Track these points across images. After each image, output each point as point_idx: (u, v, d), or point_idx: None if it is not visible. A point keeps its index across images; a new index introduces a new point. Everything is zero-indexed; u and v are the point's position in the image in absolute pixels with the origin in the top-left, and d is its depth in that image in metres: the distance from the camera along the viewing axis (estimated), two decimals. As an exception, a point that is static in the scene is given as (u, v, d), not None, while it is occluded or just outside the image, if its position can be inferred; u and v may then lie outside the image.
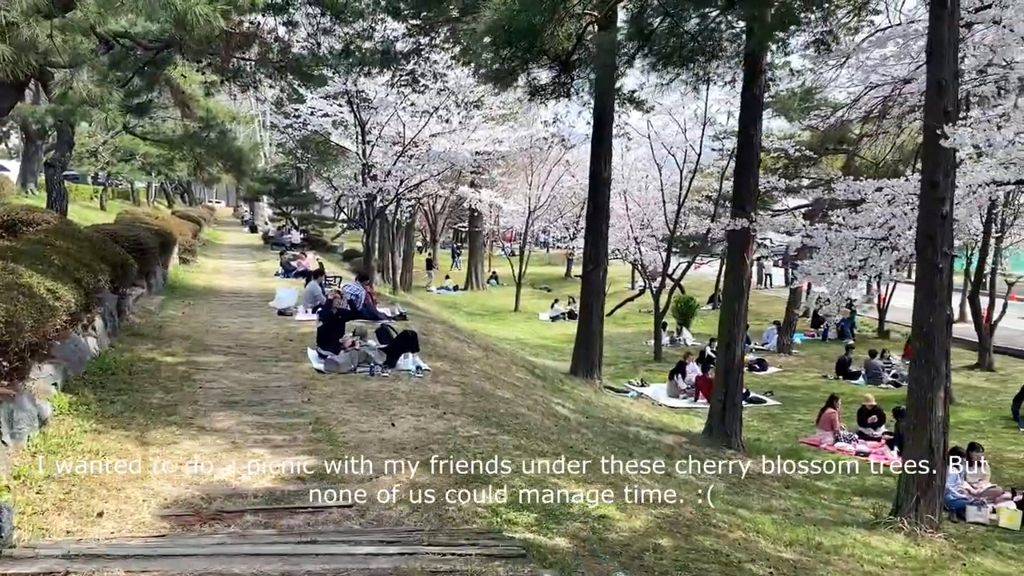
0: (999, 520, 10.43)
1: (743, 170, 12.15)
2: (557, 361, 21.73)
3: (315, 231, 41.91)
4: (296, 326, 14.22)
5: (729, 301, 12.45)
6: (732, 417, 12.41)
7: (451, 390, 10.23)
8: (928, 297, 8.72)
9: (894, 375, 21.58)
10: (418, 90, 16.68)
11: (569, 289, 43.00)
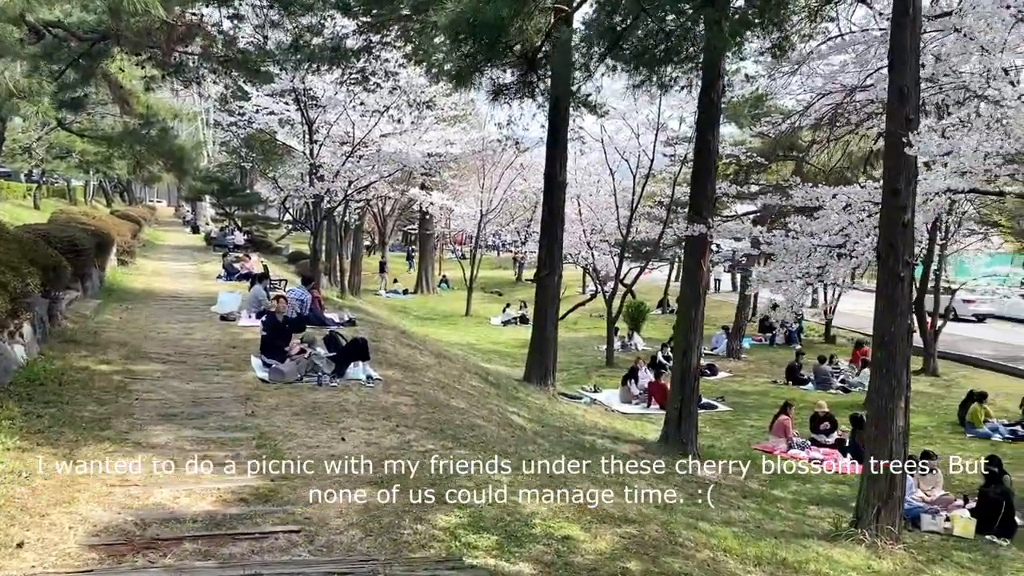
0: (953, 529, 10.42)
1: (700, 176, 12.01)
2: (510, 367, 21.45)
3: (259, 232, 40.99)
4: (239, 332, 13.67)
5: (685, 307, 12.30)
6: (688, 425, 12.26)
7: (404, 400, 9.85)
8: (889, 306, 8.63)
9: (842, 381, 21.83)
10: (369, 88, 16.22)
11: (520, 293, 42.85)
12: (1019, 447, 15.39)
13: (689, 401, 12.28)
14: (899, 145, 8.46)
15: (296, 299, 14.43)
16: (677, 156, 23.54)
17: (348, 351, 11.06)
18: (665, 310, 35.89)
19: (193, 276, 23.18)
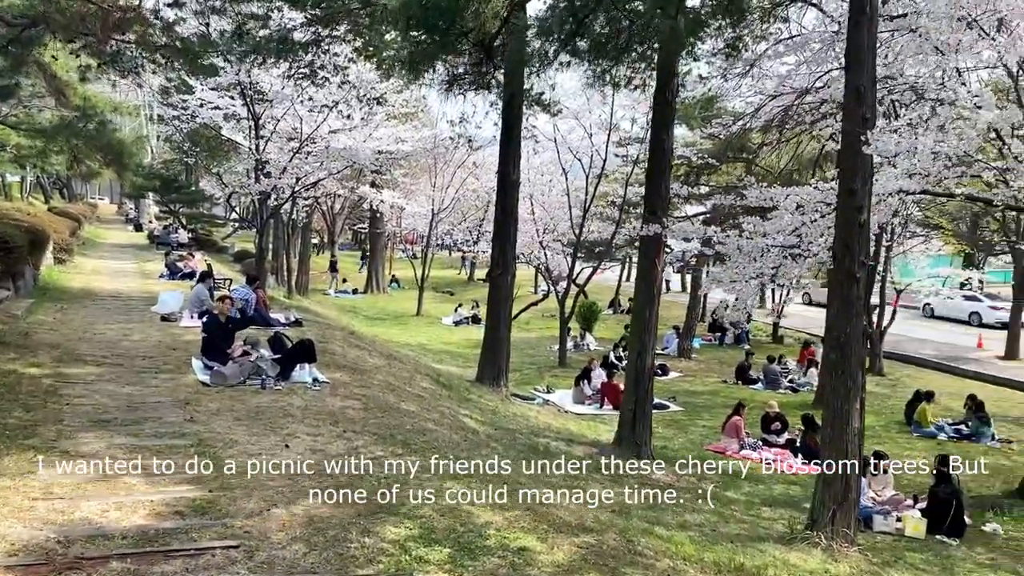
0: (905, 529, 10.45)
1: (654, 176, 11.88)
2: (462, 368, 21.16)
3: (204, 230, 39.99)
4: (180, 333, 13.16)
5: (639, 308, 12.16)
6: (642, 426, 12.14)
7: (352, 404, 9.51)
8: (844, 307, 8.58)
9: (791, 381, 22.01)
10: (317, 83, 15.78)
11: (472, 293, 42.53)
12: (963, 446, 15.61)
13: (643, 402, 12.16)
14: (855, 145, 8.42)
15: (240, 299, 13.97)
16: (629, 157, 23.50)
17: (294, 353, 10.67)
18: (617, 310, 35.97)
19: (134, 275, 22.41)
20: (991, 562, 9.57)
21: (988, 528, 10.74)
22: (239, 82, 17.98)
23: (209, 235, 39.90)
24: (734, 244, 11.88)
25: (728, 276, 12.01)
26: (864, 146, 8.23)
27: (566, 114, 21.11)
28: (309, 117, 19.71)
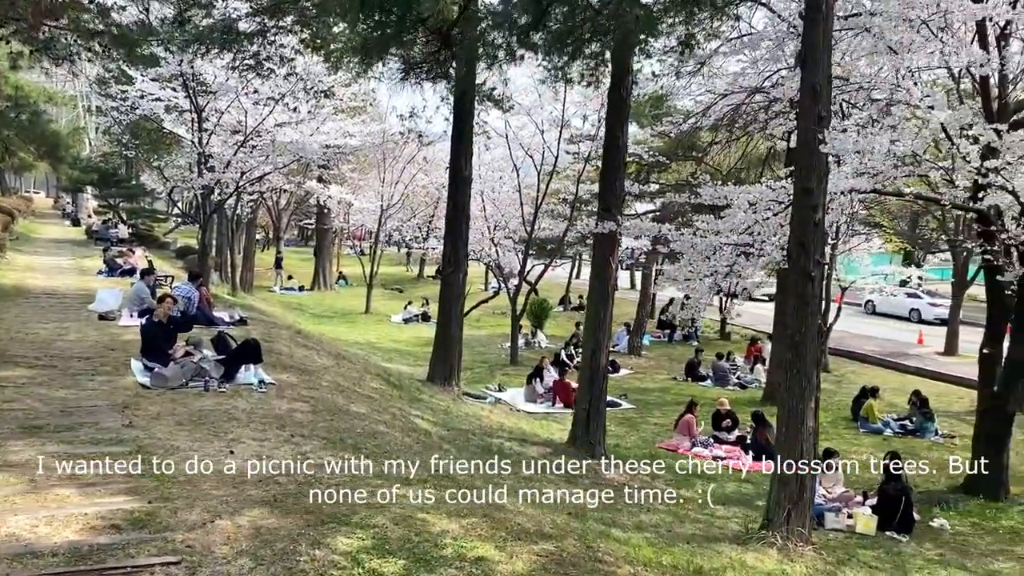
0: (856, 526, 10.52)
1: (609, 173, 11.77)
2: (412, 366, 20.87)
3: (145, 226, 38.95)
4: (119, 332, 12.65)
5: (594, 306, 12.05)
6: (596, 425, 12.04)
7: (300, 407, 9.20)
8: (800, 306, 8.55)
9: (739, 377, 22.21)
10: (263, 75, 15.31)
11: (422, 290, 42.12)
12: (908, 441, 15.89)
13: (597, 401, 12.06)
14: (811, 143, 8.40)
15: (182, 296, 13.49)
16: (581, 154, 23.43)
17: (239, 353, 10.31)
18: (567, 307, 36.00)
19: (71, 272, 21.60)
20: (940, 558, 9.68)
21: (936, 524, 10.87)
22: (181, 73, 17.38)
23: (150, 231, 38.85)
24: (688, 242, 11.84)
25: (682, 274, 11.97)
26: (821, 144, 8.21)
27: (518, 110, 20.95)
28: (254, 110, 19.18)
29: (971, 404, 20.09)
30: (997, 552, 9.98)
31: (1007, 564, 9.56)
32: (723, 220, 11.66)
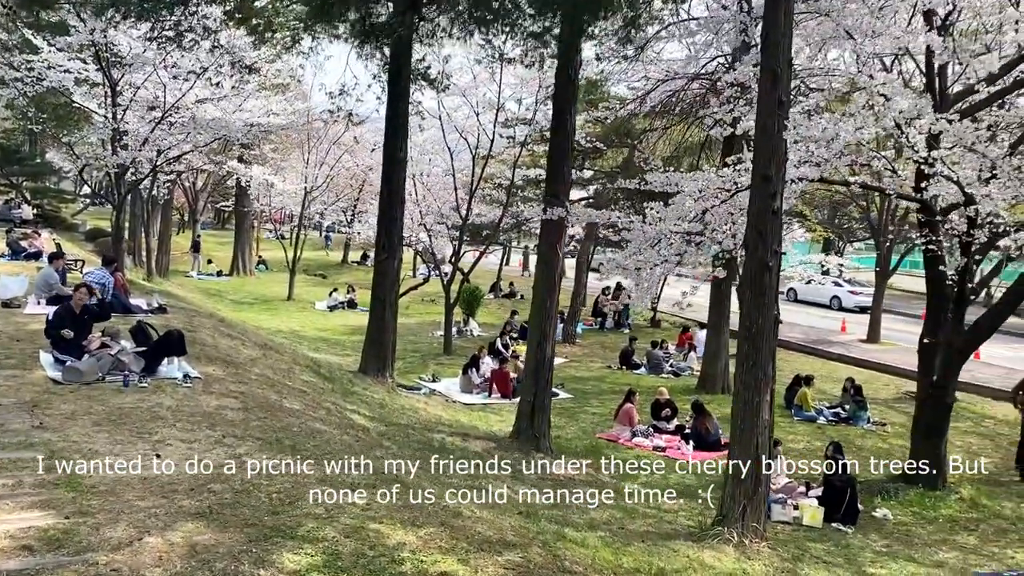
0: (802, 518, 10.46)
1: (557, 157, 11.35)
2: (341, 356, 20.17)
3: (51, 207, 36.71)
4: (25, 321, 11.64)
5: (540, 296, 11.64)
6: (541, 418, 11.68)
7: (229, 403, 8.53)
8: (756, 297, 8.35)
9: (671, 365, 22.19)
10: (184, 47, 14.32)
11: (346, 276, 41.06)
12: (842, 429, 16.02)
13: (543, 393, 11.69)
14: (770, 129, 8.16)
15: (96, 283, 12.49)
16: (516, 138, 22.97)
17: (160, 345, 9.53)
18: (498, 294, 35.56)
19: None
20: (887, 549, 9.69)
21: (878, 514, 10.92)
22: (93, 43, 16.16)
23: (57, 211, 36.67)
24: (639, 229, 11.53)
25: (632, 263, 11.66)
26: (782, 131, 7.97)
27: (452, 91, 20.36)
28: (173, 84, 18.05)
29: (897, 391, 20.65)
30: (940, 542, 10.06)
31: (951, 554, 9.63)
32: (670, 208, 11.40)
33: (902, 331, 28.86)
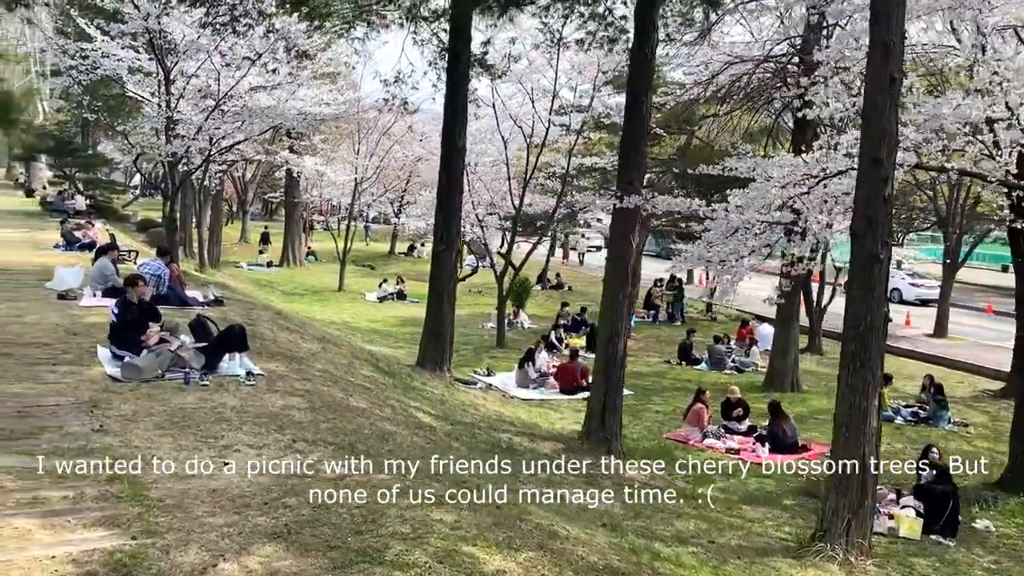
0: (899, 529, 9.71)
1: (631, 142, 10.68)
2: (394, 348, 19.78)
3: (103, 197, 36.98)
4: (81, 314, 11.35)
5: (612, 291, 11.00)
6: (613, 419, 11.06)
7: (295, 403, 8.06)
8: (864, 292, 7.64)
9: (734, 360, 21.38)
10: (239, 31, 13.92)
11: (394, 267, 40.78)
12: (922, 430, 15.18)
13: (614, 392, 11.07)
14: (881, 108, 7.43)
15: (152, 274, 12.15)
16: (572, 126, 22.26)
17: (222, 340, 9.10)
18: (545, 286, 34.94)
19: (25, 246, 20.02)
20: (996, 566, 8.92)
21: (979, 525, 10.11)
22: (147, 29, 15.86)
23: (109, 202, 36.91)
24: (722, 218, 10.79)
25: (716, 255, 10.93)
26: (895, 110, 7.24)
27: (507, 77, 19.75)
28: (226, 72, 17.71)
29: (973, 389, 19.67)
30: (1054, 559, 9.26)
31: (1069, 573, 8.83)
32: (753, 195, 10.65)
33: (970, 325, 27.69)
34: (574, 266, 43.15)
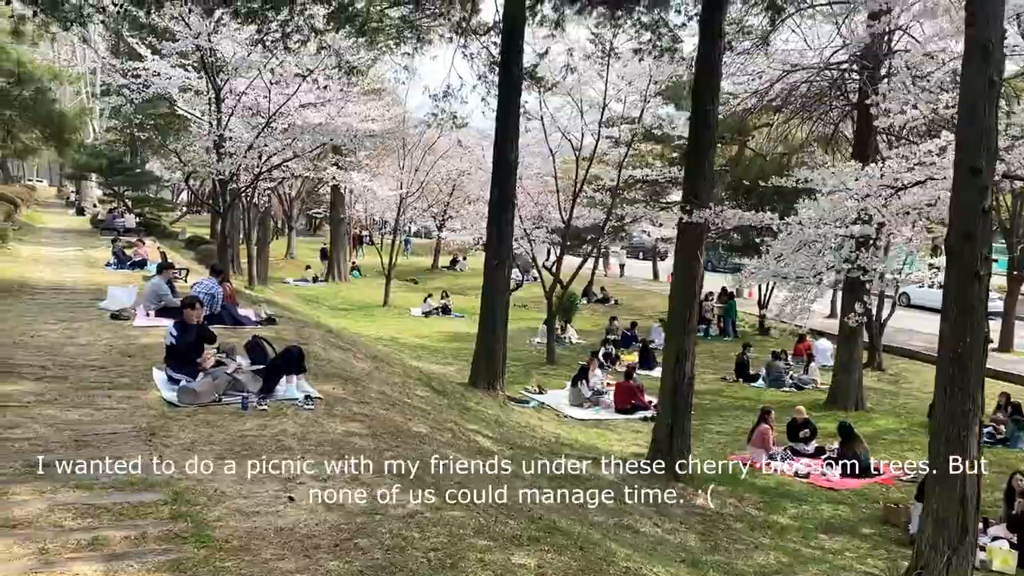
0: (991, 563, 9.10)
1: (698, 153, 10.23)
2: (443, 365, 19.49)
3: (152, 215, 37.37)
4: (135, 335, 11.23)
5: (679, 309, 10.53)
6: (682, 443, 10.58)
7: (356, 429, 7.75)
8: (963, 312, 7.09)
9: (793, 377, 20.68)
10: (291, 47, 13.79)
11: (437, 281, 40.61)
12: (999, 452, 14.38)
13: (682, 416, 10.58)
14: (980, 114, 6.92)
15: (205, 293, 12.01)
16: (621, 138, 21.84)
17: (279, 363, 8.84)
18: (591, 300, 34.47)
19: (78, 264, 20.18)
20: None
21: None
22: (198, 47, 15.83)
23: (157, 220, 37.29)
24: (796, 233, 10.28)
25: (793, 270, 10.39)
26: (994, 115, 6.74)
27: (557, 89, 19.42)
28: (276, 89, 17.64)
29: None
30: None
31: None
32: (825, 207, 10.13)
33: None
34: (614, 277, 42.57)
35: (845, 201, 9.79)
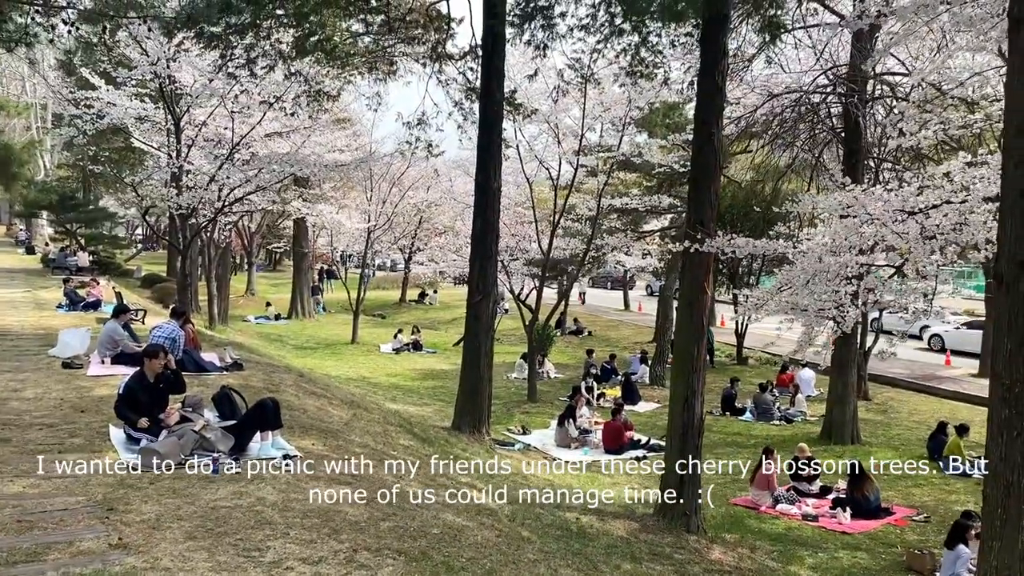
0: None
1: (703, 179, 9.54)
2: (419, 406, 18.50)
3: (106, 252, 35.97)
4: (89, 386, 10.19)
5: (685, 345, 9.76)
6: (692, 490, 9.75)
7: (345, 494, 6.81)
8: (1020, 345, 6.40)
9: (781, 410, 20.05)
10: (257, 73, 12.92)
11: (405, 316, 39.61)
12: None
13: (693, 461, 9.77)
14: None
15: (166, 338, 11.00)
16: (599, 167, 21.26)
17: (253, 418, 7.88)
18: (564, 331, 33.75)
19: (26, 306, 18.91)
20: None
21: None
22: (156, 74, 14.88)
23: (112, 257, 35.90)
24: (813, 259, 9.60)
25: (813, 300, 9.70)
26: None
27: (534, 117, 18.78)
28: (239, 118, 16.72)
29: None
30: None
31: None
32: (841, 233, 9.49)
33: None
34: (575, 305, 41.76)
35: (860, 228, 9.17)
